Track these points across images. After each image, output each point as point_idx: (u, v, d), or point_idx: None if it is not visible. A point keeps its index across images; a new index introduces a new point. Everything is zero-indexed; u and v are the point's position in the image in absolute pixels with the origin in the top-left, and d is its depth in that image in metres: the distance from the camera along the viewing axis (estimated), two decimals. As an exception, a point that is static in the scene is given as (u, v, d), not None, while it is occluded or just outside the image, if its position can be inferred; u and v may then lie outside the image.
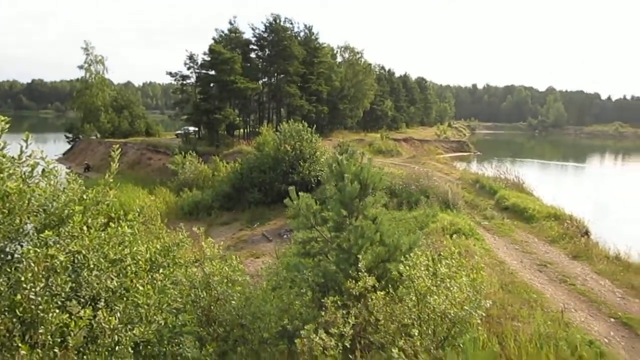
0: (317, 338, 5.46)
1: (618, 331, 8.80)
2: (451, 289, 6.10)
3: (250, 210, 25.06)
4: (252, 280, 11.96)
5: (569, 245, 14.37)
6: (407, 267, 6.59)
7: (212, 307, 7.55)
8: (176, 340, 6.63)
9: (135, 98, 76.90)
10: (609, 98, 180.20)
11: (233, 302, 7.30)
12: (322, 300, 6.23)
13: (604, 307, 9.80)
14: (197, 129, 51.10)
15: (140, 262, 7.22)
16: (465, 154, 63.25)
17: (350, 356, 5.82)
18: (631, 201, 31.15)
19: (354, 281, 6.39)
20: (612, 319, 9.27)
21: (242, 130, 52.95)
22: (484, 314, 6.61)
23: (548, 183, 33.46)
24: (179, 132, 55.03)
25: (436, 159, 41.43)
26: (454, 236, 12.86)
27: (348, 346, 5.63)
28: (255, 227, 22.62)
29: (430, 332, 6.28)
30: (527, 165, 53.55)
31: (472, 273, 6.66)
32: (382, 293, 6.26)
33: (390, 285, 7.01)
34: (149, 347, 6.34)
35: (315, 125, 27.33)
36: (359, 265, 6.41)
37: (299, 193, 8.30)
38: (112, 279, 6.74)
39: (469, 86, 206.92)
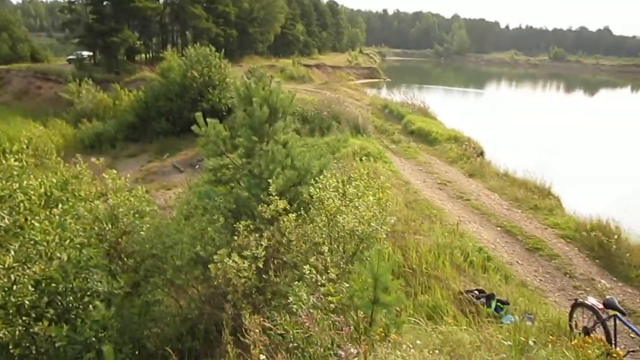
0: (231, 261, 5.54)
1: (502, 238, 9.95)
2: (359, 208, 6.41)
3: (158, 141, 23.91)
4: (165, 212, 11.69)
5: (466, 165, 15.60)
6: (318, 190, 6.77)
7: (120, 240, 7.31)
8: (82, 275, 6.40)
9: (15, 18, 67.04)
10: (507, 27, 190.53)
11: (142, 233, 7.12)
12: (235, 226, 6.26)
13: (493, 218, 10.95)
14: (92, 53, 46.28)
15: (34, 198, 6.69)
16: (375, 80, 64.38)
17: (265, 276, 6.01)
18: (520, 123, 34.14)
19: (266, 205, 6.46)
20: (499, 228, 10.43)
21: (143, 55, 48.91)
22: (389, 230, 7.09)
23: (450, 108, 35.39)
24: (71, 57, 49.33)
25: (348, 86, 41.75)
26: (364, 159, 13.37)
27: (262, 267, 5.79)
28: (165, 158, 21.77)
29: (340, 249, 6.64)
30: (433, 91, 55.98)
31: (378, 193, 7.03)
32: (293, 215, 6.41)
33: (301, 208, 7.20)
34: (52, 284, 6.07)
35: (224, 50, 26.03)
36: (270, 190, 6.46)
37: (207, 119, 8.00)
38: (3, 217, 6.21)
39: (380, 11, 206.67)
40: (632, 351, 5.55)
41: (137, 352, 6.25)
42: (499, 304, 7.07)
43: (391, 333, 4.38)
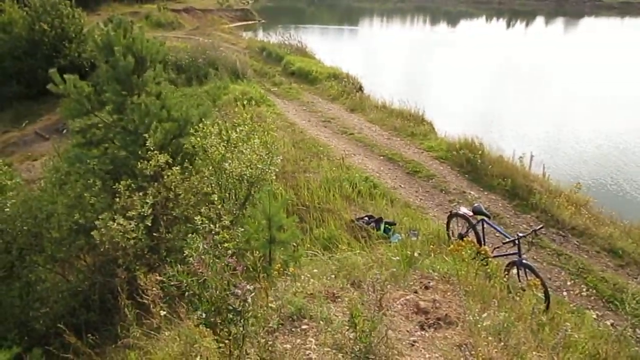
0: (115, 225, 5.23)
1: (386, 165, 10.61)
2: (245, 152, 6.34)
3: (12, 107, 20.94)
4: (35, 185, 10.51)
5: (347, 101, 16.06)
6: (200, 139, 6.54)
7: (-20, 221, 6.49)
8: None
9: None
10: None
11: (7, 210, 6.38)
12: (115, 187, 5.86)
13: (375, 148, 11.56)
14: None
15: None
16: (250, 22, 62.00)
17: (156, 234, 5.79)
18: (393, 57, 35.67)
19: (146, 162, 6.10)
20: (382, 157, 11.07)
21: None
22: (278, 171, 7.16)
23: (328, 46, 35.68)
24: None
25: (221, 30, 39.80)
26: (246, 105, 13.11)
27: (151, 225, 5.55)
28: (24, 126, 19.28)
29: (231, 195, 6.58)
30: (309, 31, 55.63)
31: (264, 136, 6.99)
32: (177, 168, 6.17)
33: (186, 160, 6.94)
34: None
35: (75, -3, 23.03)
36: (148, 145, 6.10)
37: (65, 76, 7.16)
38: None
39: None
40: (497, 247, 6.40)
41: (25, 337, 5.78)
42: (387, 225, 7.64)
43: (290, 267, 4.52)
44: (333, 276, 4.65)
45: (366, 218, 7.87)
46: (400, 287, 4.76)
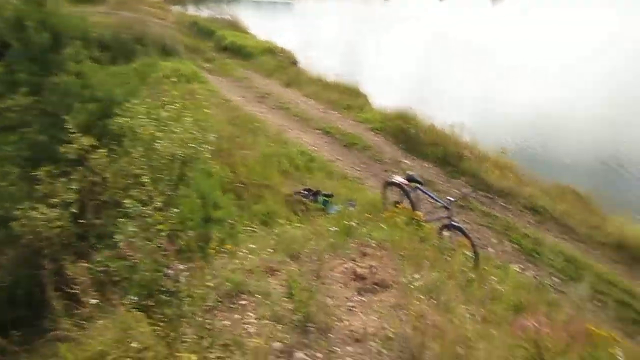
0: (37, 213, 4.92)
1: (322, 139, 10.69)
2: (176, 131, 6.13)
3: None
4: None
5: (282, 75, 15.88)
6: (127, 119, 6.25)
7: None
8: None
9: None
10: None
11: None
12: (35, 174, 5.48)
13: (312, 122, 11.59)
14: None
15: None
16: (178, -4, 59.26)
17: (84, 221, 5.52)
18: (328, 31, 35.54)
19: (68, 145, 5.75)
20: (318, 130, 11.12)
21: None
22: (214, 149, 7.00)
23: (262, 20, 34.90)
24: None
25: (148, 4, 37.63)
26: (178, 82, 12.61)
27: (77, 211, 5.28)
28: None
29: (164, 176, 6.36)
30: (242, 5, 54.06)
31: (196, 113, 6.78)
32: (104, 151, 5.86)
33: (114, 141, 6.61)
34: None
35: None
36: (70, 127, 5.73)
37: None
38: None
39: None
40: (430, 212, 6.68)
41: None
42: (325, 198, 7.74)
43: (227, 245, 4.49)
44: (271, 250, 4.67)
45: (304, 191, 7.92)
46: (338, 256, 4.88)
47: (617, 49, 25.19)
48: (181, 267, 2.58)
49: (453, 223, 6.16)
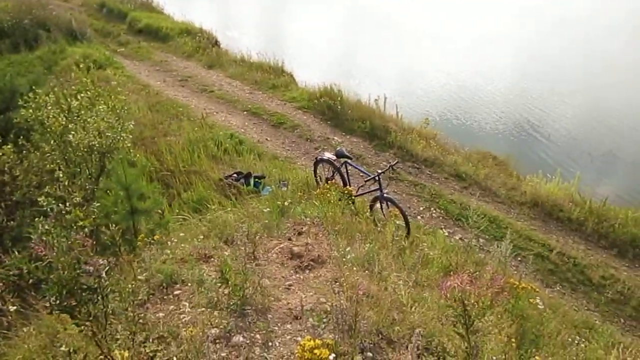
0: (-64, 220, 4.46)
1: (250, 120, 10.51)
2: (90, 120, 5.76)
3: None
4: None
5: (203, 57, 15.30)
6: (33, 111, 5.78)
7: None
8: None
9: None
10: None
11: None
12: None
13: (238, 104, 11.34)
14: None
15: None
16: (84, -24, 54.99)
17: (-7, 224, 5.09)
18: (247, 10, 34.65)
19: (-34, 143, 5.23)
20: (245, 112, 10.91)
21: None
22: (133, 136, 6.66)
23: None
24: None
25: (49, -15, 34.65)
26: (90, 69, 11.80)
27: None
28: None
29: (83, 170, 5.99)
30: (155, -16, 51.21)
31: (111, 100, 6.39)
32: (10, 147, 5.41)
33: (21, 136, 6.10)
34: None
35: None
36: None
37: None
38: None
39: None
40: (362, 186, 6.81)
41: None
42: (256, 179, 7.66)
43: (156, 236, 4.32)
44: (203, 237, 4.56)
45: (235, 175, 7.78)
46: (273, 237, 4.86)
47: (535, 20, 26.64)
48: (101, 262, 2.43)
49: (384, 195, 6.32)
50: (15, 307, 3.50)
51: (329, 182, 6.56)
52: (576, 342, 4.43)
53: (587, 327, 6.00)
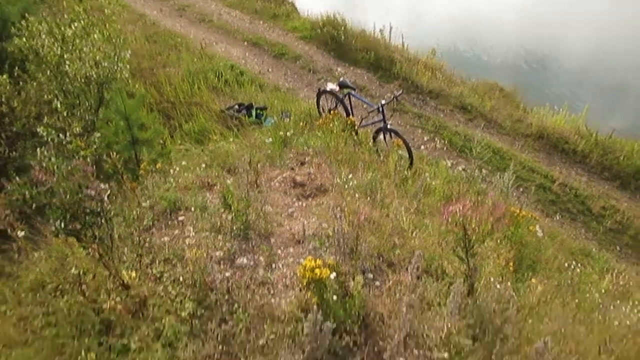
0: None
1: (251, 51, 10.19)
2: (85, 50, 5.60)
3: None
4: None
5: (201, -16, 14.60)
6: (27, 39, 5.62)
7: None
8: None
9: None
10: None
11: None
12: None
13: (238, 34, 10.95)
14: None
15: None
16: None
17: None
18: None
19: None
20: (245, 42, 10.55)
21: None
22: (130, 66, 6.50)
23: None
24: None
25: None
26: (83, -2, 11.31)
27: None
28: None
29: (81, 100, 5.90)
30: None
31: (105, 29, 6.18)
32: (5, 77, 5.29)
33: (15, 67, 5.97)
34: None
35: None
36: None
37: None
38: None
39: None
40: (364, 118, 6.71)
41: None
42: (258, 111, 7.55)
43: (158, 164, 4.33)
44: (205, 166, 4.57)
45: (236, 106, 7.67)
46: (276, 166, 4.87)
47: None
48: (102, 186, 2.43)
49: (387, 126, 6.24)
50: (23, 233, 3.59)
51: (332, 113, 6.46)
52: (572, 267, 4.54)
53: (583, 254, 6.14)
